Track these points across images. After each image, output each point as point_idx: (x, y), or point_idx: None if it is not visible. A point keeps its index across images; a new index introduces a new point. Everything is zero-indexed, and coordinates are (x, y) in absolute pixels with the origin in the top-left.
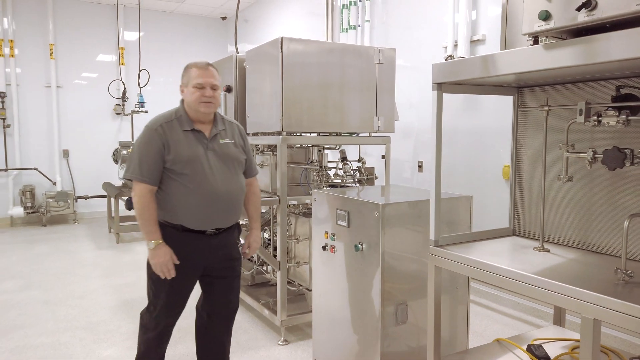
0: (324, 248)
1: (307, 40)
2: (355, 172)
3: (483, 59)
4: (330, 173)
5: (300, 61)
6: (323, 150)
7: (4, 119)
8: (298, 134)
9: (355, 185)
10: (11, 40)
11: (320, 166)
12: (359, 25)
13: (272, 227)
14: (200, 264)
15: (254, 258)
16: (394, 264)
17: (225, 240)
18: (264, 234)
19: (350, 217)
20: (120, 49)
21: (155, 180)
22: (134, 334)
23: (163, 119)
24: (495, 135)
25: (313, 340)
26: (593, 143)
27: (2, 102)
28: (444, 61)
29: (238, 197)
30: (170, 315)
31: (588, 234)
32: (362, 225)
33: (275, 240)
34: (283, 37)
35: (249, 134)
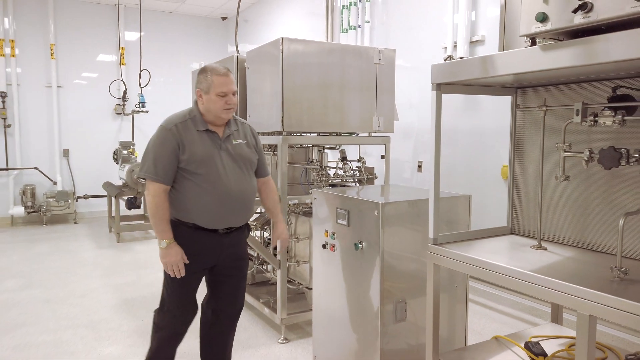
0: (324, 247)
1: (308, 41)
2: (355, 172)
3: (481, 59)
4: (330, 173)
5: (300, 61)
6: (323, 150)
7: (4, 118)
8: (298, 133)
9: (355, 184)
10: (12, 40)
11: (321, 166)
12: (359, 26)
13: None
14: (211, 262)
15: (254, 257)
16: (394, 263)
17: (236, 239)
18: (264, 234)
19: (350, 216)
20: (121, 49)
21: (169, 180)
22: (135, 332)
23: (177, 119)
24: (495, 136)
25: (313, 339)
26: (590, 143)
27: (3, 102)
28: (443, 62)
29: (250, 197)
30: (182, 312)
31: (585, 233)
32: (362, 224)
33: None
34: (284, 38)
35: None
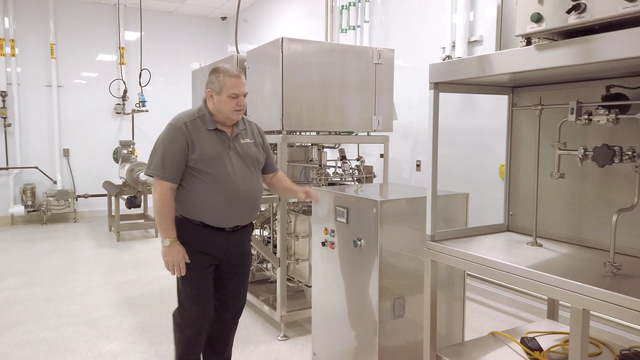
0: (324, 244)
1: (308, 41)
2: (354, 171)
3: (478, 59)
4: (330, 171)
5: (300, 61)
6: (322, 149)
7: (5, 118)
8: (298, 132)
9: (354, 183)
10: (12, 39)
11: (320, 165)
12: (358, 26)
13: (272, 225)
14: (217, 259)
15: (253, 255)
16: (392, 260)
17: (242, 237)
18: (264, 232)
19: (349, 214)
20: (121, 48)
21: (177, 179)
22: (136, 329)
23: (187, 117)
24: (494, 135)
25: (312, 336)
26: (584, 141)
27: (3, 101)
28: (441, 61)
29: (257, 196)
30: (200, 309)
31: (580, 229)
32: (361, 222)
33: (275, 237)
34: (284, 38)
35: None
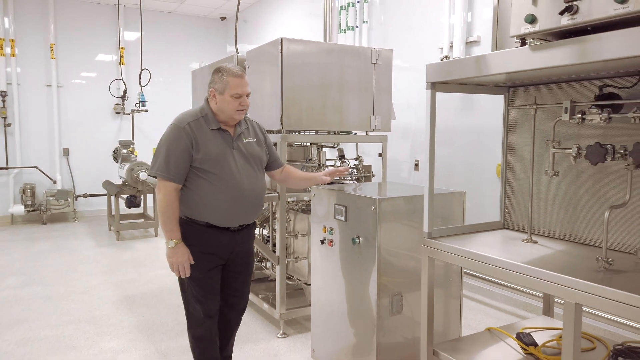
0: (322, 242)
1: (307, 41)
2: (353, 170)
3: (473, 59)
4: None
5: (299, 61)
6: (321, 148)
7: (4, 117)
8: (297, 132)
9: (352, 182)
10: (12, 39)
11: (319, 164)
12: (357, 26)
13: (272, 224)
14: (224, 259)
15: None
16: (390, 257)
17: (246, 236)
18: (264, 231)
19: (348, 212)
20: (121, 48)
21: (181, 179)
22: (136, 327)
23: (190, 117)
24: (493, 135)
25: (311, 333)
26: (579, 140)
27: (3, 101)
28: (438, 61)
29: (261, 195)
30: (207, 308)
31: (574, 226)
32: (359, 220)
33: (275, 236)
34: (283, 38)
35: None
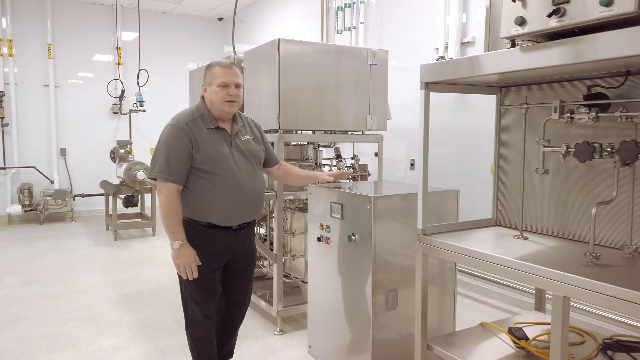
0: (319, 239)
1: (304, 42)
2: (349, 169)
3: (466, 60)
4: (325, 170)
5: (296, 62)
6: (318, 147)
7: (2, 117)
8: (294, 131)
9: (349, 181)
10: (10, 39)
11: (316, 163)
12: (354, 27)
13: (269, 222)
14: (228, 258)
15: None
16: (385, 254)
17: (248, 233)
18: (261, 229)
19: (344, 210)
20: (118, 49)
21: (182, 180)
22: (135, 325)
23: (187, 117)
24: (488, 135)
25: (308, 330)
26: (568, 138)
27: (1, 101)
28: (431, 62)
29: (262, 192)
30: (206, 310)
31: (564, 223)
32: (355, 217)
33: (272, 234)
34: (280, 39)
35: None
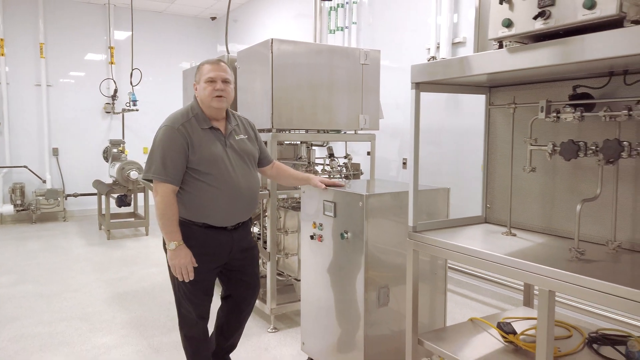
0: (312, 237)
1: (297, 42)
2: (342, 168)
3: (455, 60)
4: (318, 169)
5: (290, 61)
6: (311, 147)
7: None
8: (288, 131)
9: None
10: (1, 39)
11: (309, 162)
12: (346, 27)
13: (262, 221)
14: (224, 258)
15: None
16: (377, 251)
17: (244, 232)
18: (255, 228)
19: (337, 208)
20: (110, 48)
21: (178, 181)
22: (129, 323)
23: (182, 118)
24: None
25: (301, 327)
26: (555, 137)
27: None
28: (422, 62)
29: (257, 192)
30: (200, 311)
31: (551, 220)
32: (348, 215)
33: (266, 233)
34: (273, 39)
35: None
